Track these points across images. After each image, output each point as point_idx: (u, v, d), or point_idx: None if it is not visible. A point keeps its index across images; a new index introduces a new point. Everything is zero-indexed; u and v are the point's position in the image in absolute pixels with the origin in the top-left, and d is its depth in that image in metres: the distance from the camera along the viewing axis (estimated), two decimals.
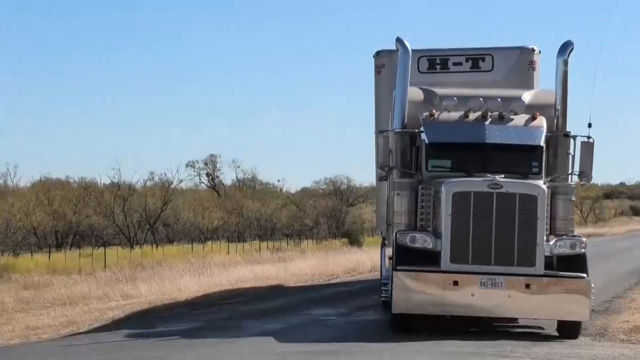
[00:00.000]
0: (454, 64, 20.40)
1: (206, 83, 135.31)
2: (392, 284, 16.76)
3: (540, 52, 20.49)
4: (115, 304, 24.17)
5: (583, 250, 16.93)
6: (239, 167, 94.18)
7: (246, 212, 76.54)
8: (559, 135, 17.91)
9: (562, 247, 16.90)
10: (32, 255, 54.24)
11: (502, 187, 16.67)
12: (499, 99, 17.82)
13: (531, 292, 16.47)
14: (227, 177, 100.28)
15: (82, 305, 24.06)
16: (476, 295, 16.47)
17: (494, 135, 17.69)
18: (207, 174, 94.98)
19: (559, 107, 18.03)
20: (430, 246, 16.85)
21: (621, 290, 26.14)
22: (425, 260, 16.79)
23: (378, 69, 21.70)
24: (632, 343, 16.67)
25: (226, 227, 74.11)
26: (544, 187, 16.91)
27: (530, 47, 20.38)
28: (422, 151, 17.87)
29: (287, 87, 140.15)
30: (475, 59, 20.26)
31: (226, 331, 18.50)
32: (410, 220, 17.46)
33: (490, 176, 16.88)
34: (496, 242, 16.62)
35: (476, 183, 16.91)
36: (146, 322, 20.45)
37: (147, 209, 67.69)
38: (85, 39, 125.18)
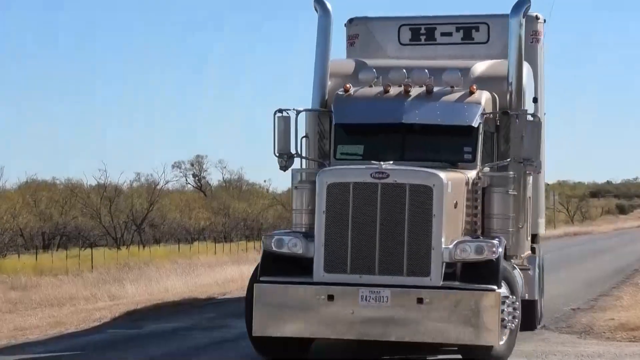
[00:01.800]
0: (442, 34, 17.27)
1: (192, 82, 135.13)
2: (251, 299, 13.56)
3: (545, 20, 17.74)
4: (103, 304, 24.13)
5: (494, 255, 13.29)
6: (225, 167, 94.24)
7: (233, 213, 76.53)
8: (510, 115, 14.92)
9: (464, 252, 13.31)
10: (19, 256, 54.12)
11: (388, 176, 13.31)
12: (426, 70, 14.80)
13: (425, 309, 12.93)
14: (214, 177, 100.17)
15: (70, 306, 24.00)
16: (356, 313, 13.04)
17: (414, 113, 14.62)
18: (194, 175, 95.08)
19: (512, 79, 15.01)
20: (301, 251, 13.55)
21: (607, 288, 26.31)
22: (297, 269, 13.54)
23: (350, 40, 17.91)
24: (617, 340, 16.69)
25: (213, 227, 74.11)
26: (444, 175, 13.47)
27: (534, 14, 17.19)
28: (332, 135, 15.11)
29: (273, 86, 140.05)
30: (468, 29, 17.25)
31: (212, 331, 18.54)
32: (312, 220, 14.07)
33: (376, 163, 13.56)
34: (381, 245, 13.26)
35: (357, 172, 13.66)
36: (133, 322, 20.44)
37: (133, 209, 67.63)
38: (68, 35, 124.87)
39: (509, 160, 14.71)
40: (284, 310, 13.23)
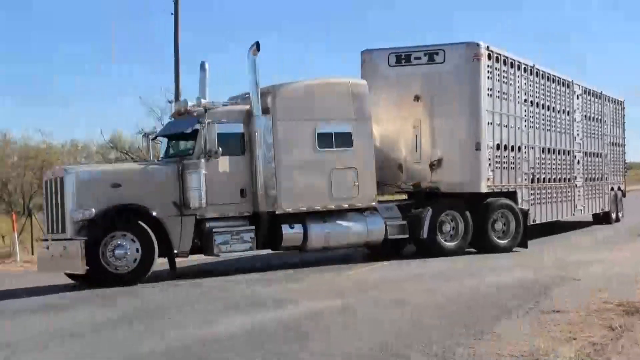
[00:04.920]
0: (415, 58, 23.60)
1: None
2: None
3: (488, 46, 23.41)
4: None
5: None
6: None
7: None
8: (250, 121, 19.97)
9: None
10: None
11: (54, 173, 19.39)
12: (185, 100, 20.90)
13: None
14: None
15: None
16: None
17: (170, 128, 20.98)
18: None
19: (253, 95, 19.90)
20: None
21: None
22: None
23: (362, 64, 24.42)
24: None
25: None
26: (77, 169, 19.07)
27: (475, 42, 23.16)
28: None
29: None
30: (431, 54, 23.35)
31: None
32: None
33: None
34: None
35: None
36: None
37: None
38: None
39: (203, 151, 19.38)
40: None
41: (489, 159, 23.48)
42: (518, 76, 25.22)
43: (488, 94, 23.51)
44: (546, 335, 11.32)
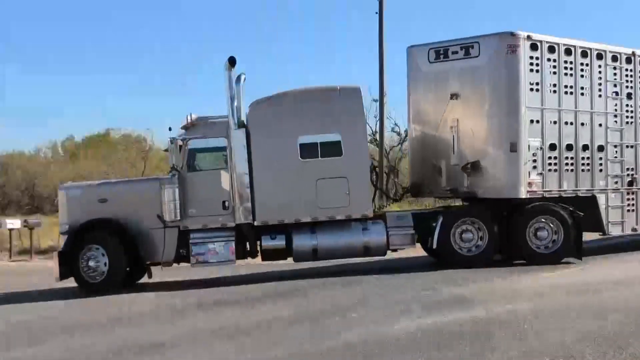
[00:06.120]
0: (452, 52, 22.05)
1: None
2: None
3: (529, 35, 21.39)
4: None
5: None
6: None
7: None
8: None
9: None
10: None
11: None
12: (189, 114, 20.69)
13: None
14: None
15: None
16: None
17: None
18: None
19: (229, 109, 20.01)
20: None
21: None
22: None
23: (408, 62, 23.28)
24: None
25: None
26: (69, 184, 21.72)
27: (509, 32, 21.24)
28: None
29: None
30: (467, 47, 21.75)
31: None
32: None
33: None
34: None
35: None
36: None
37: None
38: None
39: (172, 168, 20.47)
40: None
41: (534, 160, 21.48)
42: (599, 66, 22.58)
43: (533, 89, 21.49)
44: None
